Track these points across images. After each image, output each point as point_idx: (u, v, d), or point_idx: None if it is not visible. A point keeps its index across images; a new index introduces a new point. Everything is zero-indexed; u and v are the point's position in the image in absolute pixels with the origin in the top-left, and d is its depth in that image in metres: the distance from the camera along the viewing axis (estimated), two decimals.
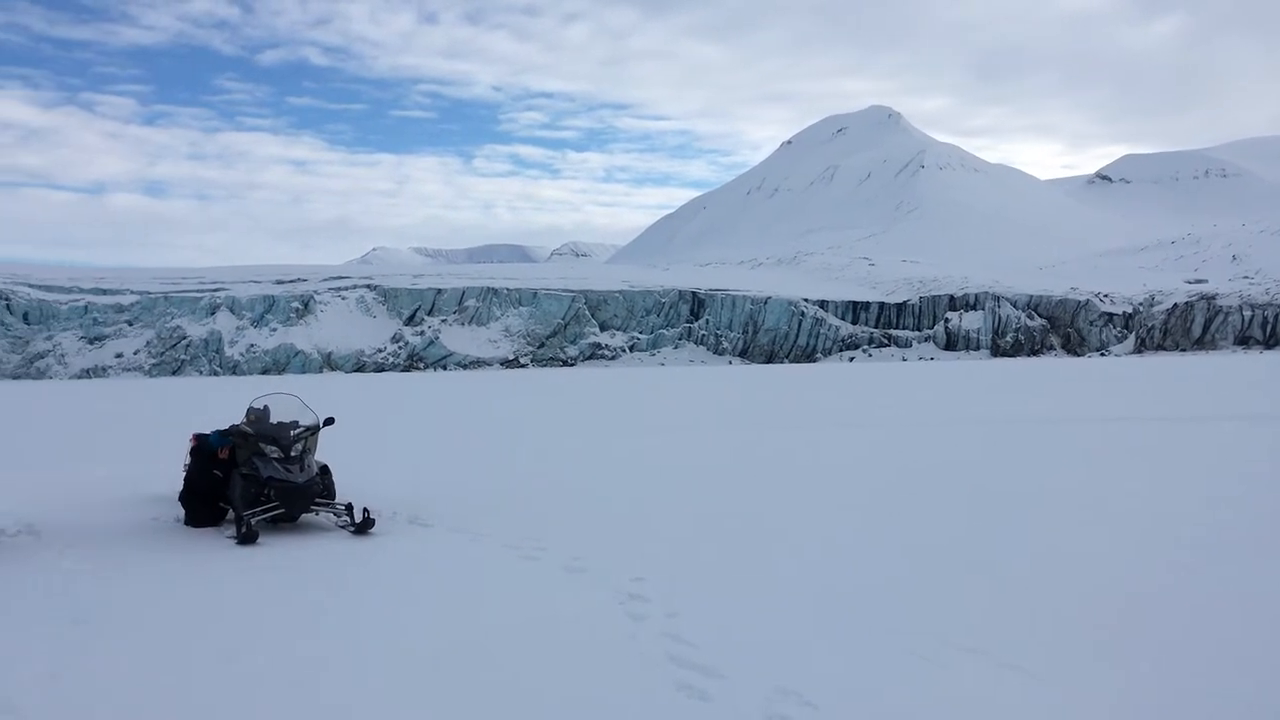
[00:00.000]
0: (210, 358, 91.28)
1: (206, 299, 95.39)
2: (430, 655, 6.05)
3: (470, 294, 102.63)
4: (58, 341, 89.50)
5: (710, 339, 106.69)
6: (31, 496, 12.84)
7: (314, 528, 10.56)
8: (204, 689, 5.55)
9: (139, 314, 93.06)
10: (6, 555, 9.39)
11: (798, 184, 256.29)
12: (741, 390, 42.06)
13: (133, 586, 8.10)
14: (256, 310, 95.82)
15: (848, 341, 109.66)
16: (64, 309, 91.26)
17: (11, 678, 5.69)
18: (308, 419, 11.14)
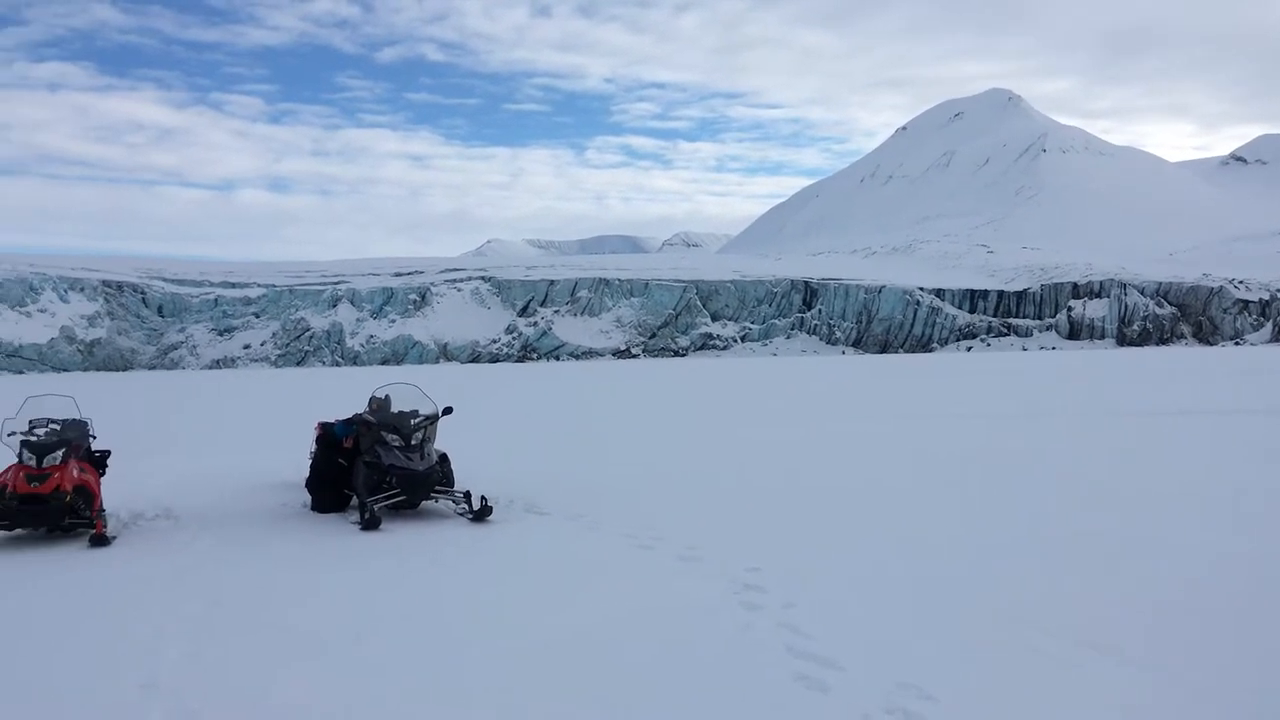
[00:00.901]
0: (332, 349, 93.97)
1: (328, 292, 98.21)
2: (550, 641, 6.14)
3: (582, 285, 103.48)
4: (190, 333, 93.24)
5: (823, 329, 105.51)
6: (169, 482, 13.43)
7: (434, 514, 10.80)
8: (334, 668, 5.73)
9: (265, 307, 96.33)
10: (146, 538, 9.85)
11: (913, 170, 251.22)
12: (855, 380, 41.52)
13: (264, 570, 8.41)
14: (376, 302, 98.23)
15: (965, 331, 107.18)
16: (195, 302, 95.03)
17: (156, 656, 5.96)
18: (427, 408, 11.39)
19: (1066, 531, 9.35)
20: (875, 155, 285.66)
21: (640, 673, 5.58)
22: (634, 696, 5.24)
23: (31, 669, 5.80)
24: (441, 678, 5.55)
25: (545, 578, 7.90)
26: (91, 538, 9.46)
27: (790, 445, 17.04)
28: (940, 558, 8.31)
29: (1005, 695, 5.23)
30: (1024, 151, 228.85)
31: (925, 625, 6.40)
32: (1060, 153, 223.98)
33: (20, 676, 5.67)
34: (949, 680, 5.41)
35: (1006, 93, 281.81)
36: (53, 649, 6.21)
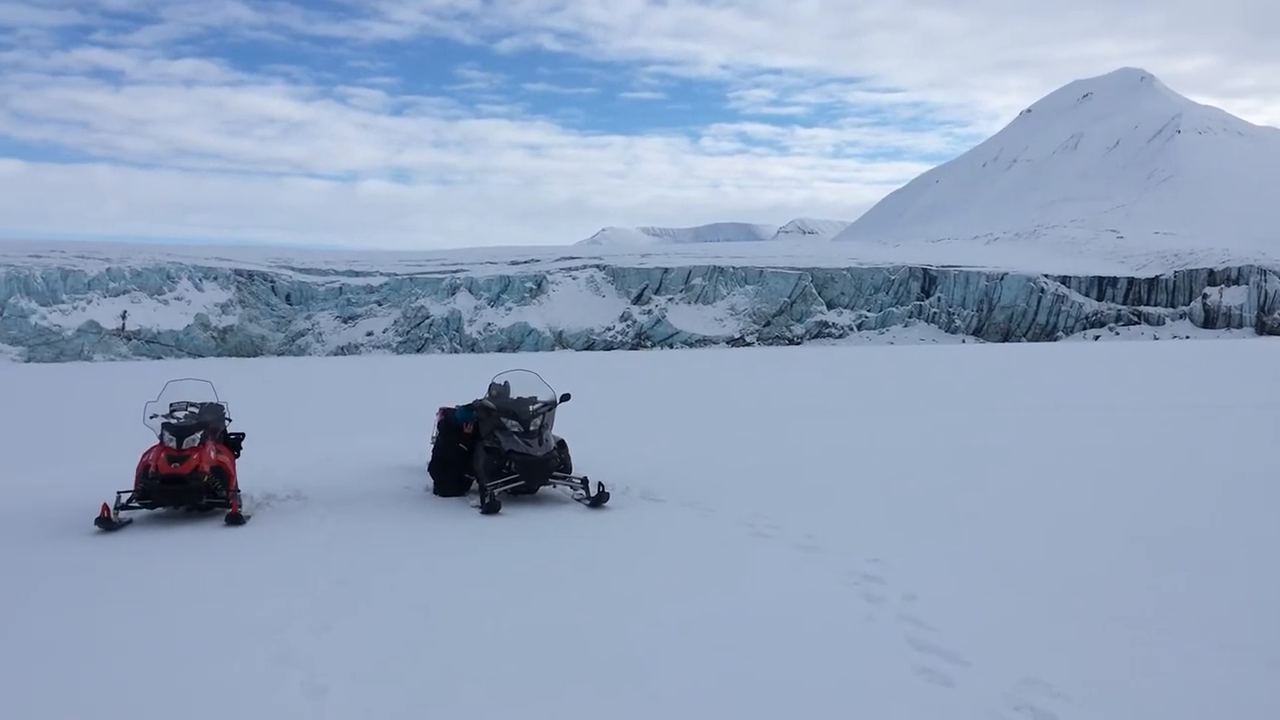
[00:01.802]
0: (451, 336, 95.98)
1: (447, 280, 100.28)
2: (671, 627, 6.15)
3: (697, 273, 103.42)
4: (316, 321, 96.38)
5: (942, 317, 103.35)
6: (298, 464, 13.88)
7: (552, 500, 10.93)
8: (461, 645, 5.85)
9: (387, 295, 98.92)
10: (278, 518, 10.21)
11: (1038, 154, 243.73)
12: (975, 370, 40.54)
13: (389, 550, 8.64)
14: (493, 290, 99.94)
15: (1092, 319, 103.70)
16: (321, 290, 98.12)
17: (288, 631, 6.18)
18: (545, 395, 11.53)
19: (1190, 527, 8.97)
20: (998, 138, 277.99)
21: (761, 661, 5.55)
22: (756, 684, 5.22)
23: (174, 639, 6.08)
24: (565, 659, 5.61)
25: (663, 564, 7.93)
26: (228, 517, 9.86)
27: (908, 435, 16.74)
28: (1063, 552, 8.07)
29: (1138, 695, 5.04)
30: (1157, 133, 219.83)
31: (1050, 620, 6.22)
32: (1196, 134, 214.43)
33: (165, 646, 5.94)
34: (1078, 678, 5.24)
35: (1139, 72, 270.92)
36: (193, 620, 6.49)
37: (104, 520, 9.59)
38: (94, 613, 6.80)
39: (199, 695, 5.13)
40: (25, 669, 5.61)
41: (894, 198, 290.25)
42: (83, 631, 6.32)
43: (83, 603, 7.08)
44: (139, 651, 5.86)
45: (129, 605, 6.98)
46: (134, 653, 5.84)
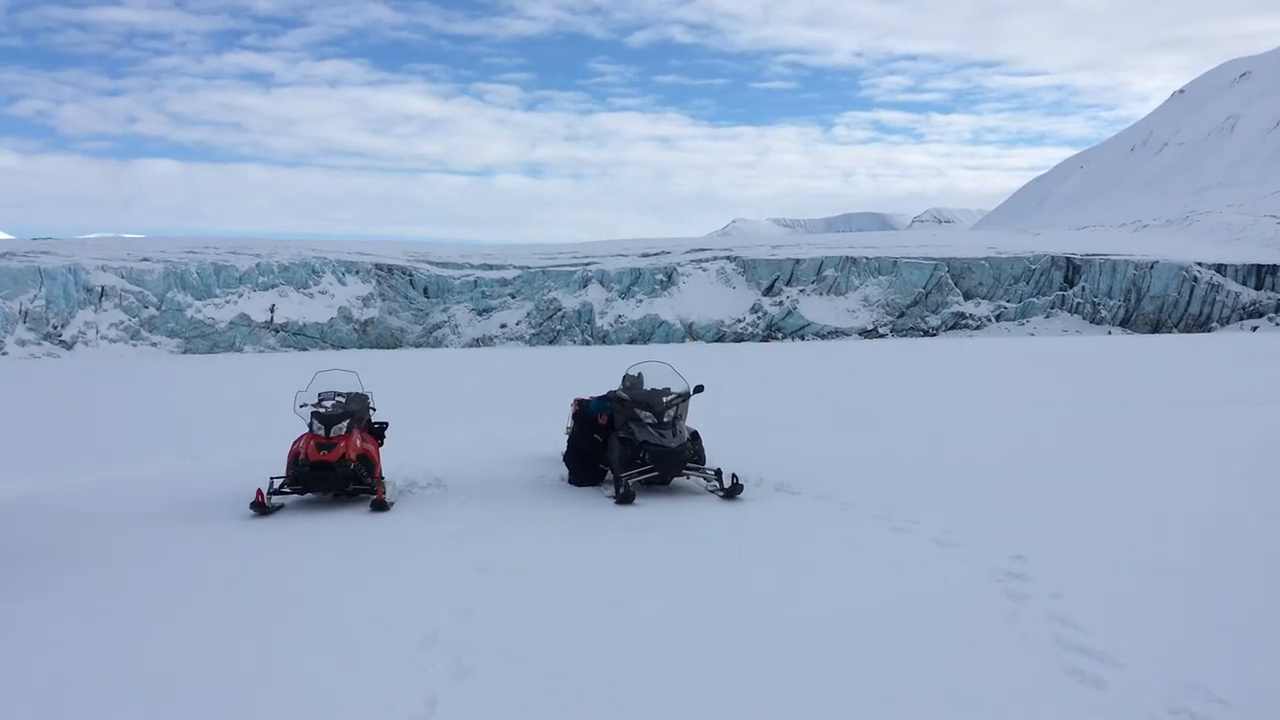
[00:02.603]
0: (582, 328, 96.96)
1: (579, 272, 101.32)
2: (807, 621, 6.10)
3: (828, 263, 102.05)
4: (452, 313, 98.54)
5: (1086, 307, 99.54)
6: (438, 453, 14.27)
7: (686, 491, 10.96)
8: (600, 632, 5.93)
9: (520, 287, 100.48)
10: (420, 505, 10.51)
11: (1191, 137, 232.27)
12: (1122, 361, 38.94)
13: (528, 538, 8.81)
14: (624, 282, 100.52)
15: (1250, 309, 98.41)
16: (457, 284, 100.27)
17: (433, 614, 6.37)
18: (679, 386, 11.57)
19: None
20: (1148, 121, 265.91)
21: (901, 658, 5.46)
22: (896, 682, 5.14)
23: (325, 621, 6.33)
24: (700, 650, 5.63)
25: (798, 557, 7.87)
26: (373, 503, 10.20)
27: (1053, 428, 16.20)
28: (1221, 552, 7.69)
29: None
30: None
31: (1208, 623, 5.95)
32: None
33: (318, 627, 6.19)
34: (1239, 683, 5.00)
35: None
36: (343, 604, 6.75)
37: (258, 505, 10.05)
38: (253, 594, 7.13)
39: (353, 674, 5.32)
40: (198, 645, 5.91)
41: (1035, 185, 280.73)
42: (245, 612, 6.63)
43: (243, 584, 7.43)
44: (295, 631, 6.12)
45: (284, 588, 7.29)
46: (290, 633, 6.10)
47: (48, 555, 8.43)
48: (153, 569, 7.93)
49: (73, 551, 8.55)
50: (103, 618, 6.56)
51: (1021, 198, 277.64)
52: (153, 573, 7.81)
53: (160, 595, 7.12)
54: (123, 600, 7.01)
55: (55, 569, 7.94)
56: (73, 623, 6.45)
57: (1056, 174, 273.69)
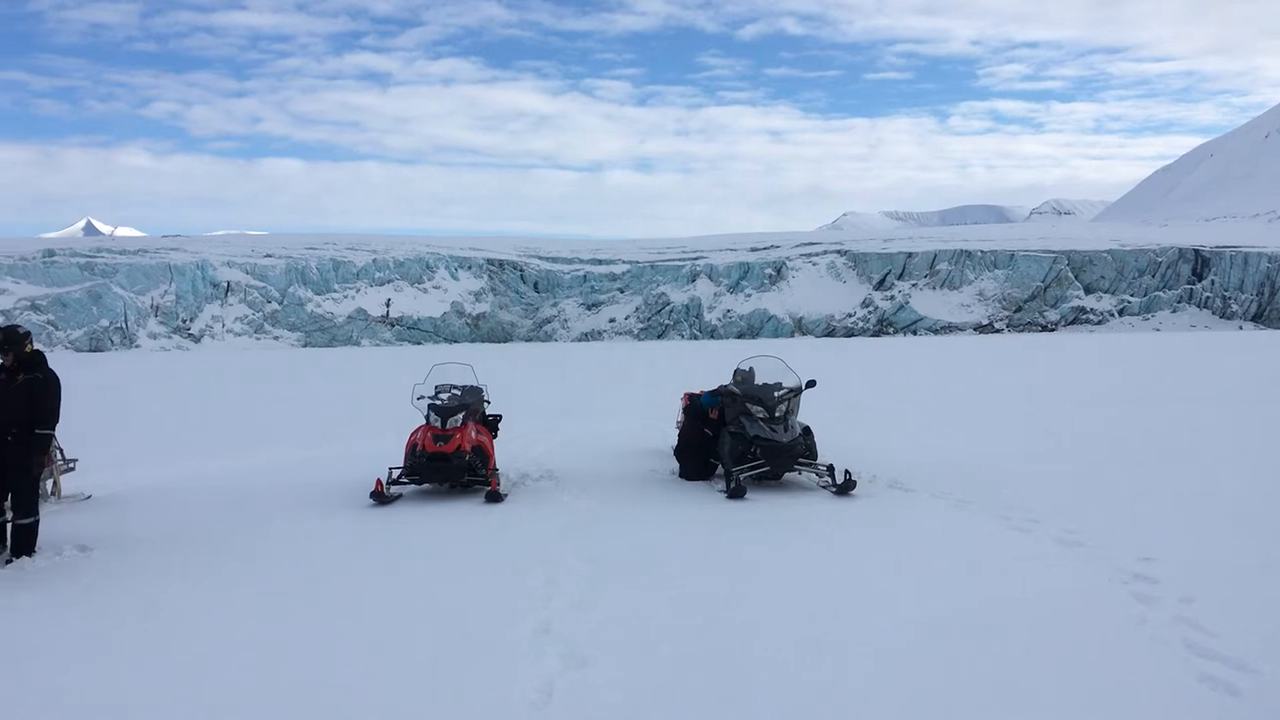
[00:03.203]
0: (690, 322, 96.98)
1: (688, 267, 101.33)
2: (926, 621, 5.99)
3: (942, 257, 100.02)
4: (561, 308, 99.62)
5: (1216, 301, 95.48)
6: (550, 445, 14.44)
7: (797, 486, 10.88)
8: (713, 626, 5.92)
9: (629, 282, 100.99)
10: (533, 497, 10.65)
11: None
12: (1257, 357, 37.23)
13: (639, 531, 8.85)
14: (733, 277, 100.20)
15: None
16: (566, 278, 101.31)
17: (548, 605, 6.45)
18: (791, 381, 11.48)
19: None
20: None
21: (1023, 661, 5.32)
22: (1018, 685, 5.01)
23: (442, 609, 6.46)
24: (817, 646, 5.57)
25: (913, 556, 7.73)
26: (487, 494, 10.38)
27: (1182, 426, 15.58)
28: None
29: None
30: None
31: None
32: None
33: (433, 616, 6.33)
34: None
35: None
36: (459, 592, 6.88)
37: (378, 494, 10.32)
38: (373, 581, 7.32)
39: (471, 662, 5.42)
40: (320, 629, 6.11)
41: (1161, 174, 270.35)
42: (365, 598, 6.82)
43: (363, 571, 7.64)
44: (413, 618, 6.27)
45: (402, 576, 7.47)
46: (408, 620, 6.25)
47: (185, 539, 8.81)
48: (279, 554, 8.21)
49: (206, 537, 8.91)
50: (228, 600, 6.82)
51: (1147, 188, 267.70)
52: (279, 558, 8.09)
53: (284, 580, 7.37)
54: (248, 584, 7.27)
55: (192, 551, 8.29)
56: (205, 602, 6.72)
57: (1184, 163, 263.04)
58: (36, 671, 5.46)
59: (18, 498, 8.18)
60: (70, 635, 6.13)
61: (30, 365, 8.36)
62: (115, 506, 10.56)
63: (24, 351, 8.35)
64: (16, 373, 8.29)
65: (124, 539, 8.81)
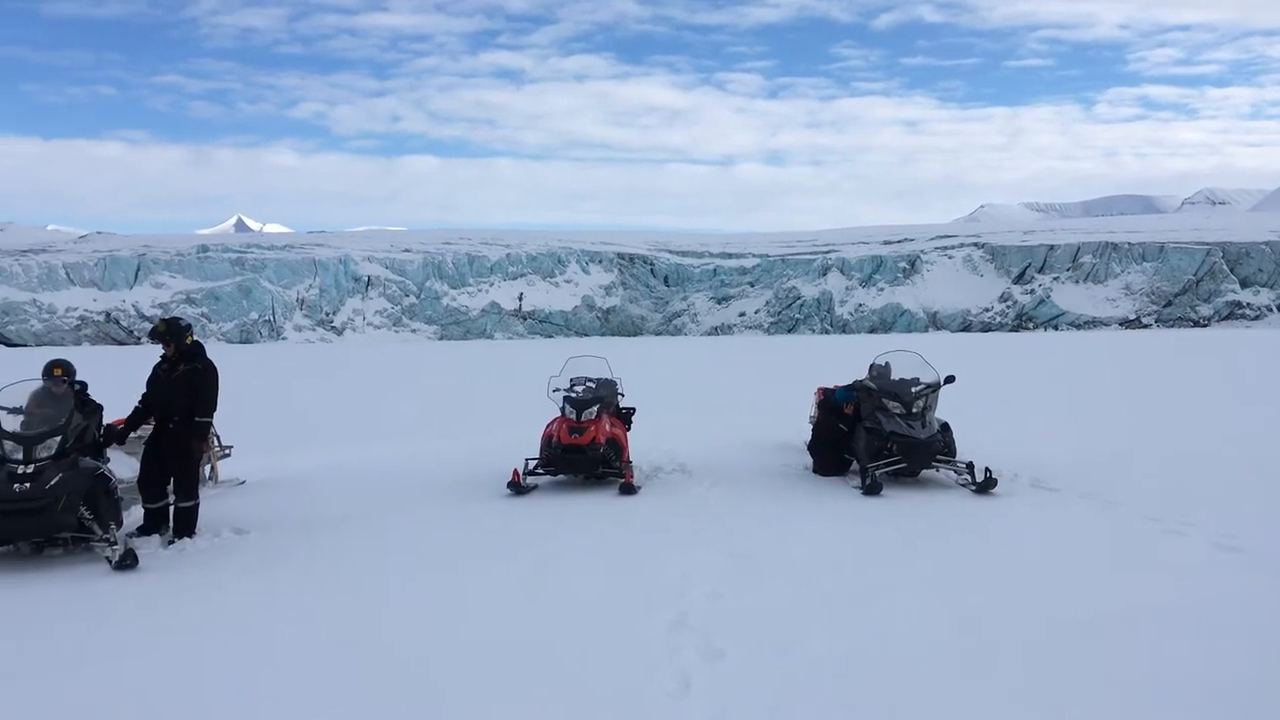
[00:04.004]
0: (821, 316, 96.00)
1: (819, 261, 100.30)
2: (1073, 624, 5.78)
3: (1085, 249, 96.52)
4: (691, 301, 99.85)
5: None
6: (681, 439, 14.47)
7: (935, 484, 10.66)
8: (851, 622, 5.84)
9: (759, 276, 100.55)
10: (666, 489, 10.71)
11: None
12: None
13: (773, 525, 8.81)
14: (865, 270, 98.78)
15: None
16: (696, 272, 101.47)
17: (683, 598, 6.47)
18: (929, 376, 11.24)
19: None
20: None
21: (1178, 669, 5.08)
22: (1166, 691, 4.80)
23: (577, 599, 6.55)
24: (959, 646, 5.45)
25: (1059, 556, 7.48)
26: (621, 486, 10.48)
27: None
28: None
29: None
30: None
31: None
32: None
33: (569, 605, 6.42)
34: None
35: None
36: (593, 582, 6.96)
37: (515, 484, 10.52)
38: (510, 570, 7.47)
39: (607, 652, 5.48)
40: (459, 616, 6.27)
41: None
42: (502, 586, 6.97)
43: (499, 560, 7.81)
44: (549, 607, 6.37)
45: (538, 565, 7.60)
46: (544, 608, 6.36)
47: (334, 522, 9.18)
48: (422, 540, 8.46)
49: (353, 521, 9.25)
50: (375, 583, 7.06)
51: None
52: (422, 543, 8.33)
53: (427, 564, 7.59)
54: (393, 568, 7.51)
55: (340, 534, 8.63)
56: (352, 584, 6.98)
57: None
58: (206, 644, 5.75)
59: (179, 482, 8.62)
60: (232, 612, 6.43)
61: (190, 356, 8.80)
62: (268, 491, 11.04)
63: (185, 343, 8.78)
64: (177, 363, 8.73)
65: (277, 522, 9.21)
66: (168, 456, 8.62)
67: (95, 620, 6.30)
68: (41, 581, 7.26)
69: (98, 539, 7.84)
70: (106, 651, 5.69)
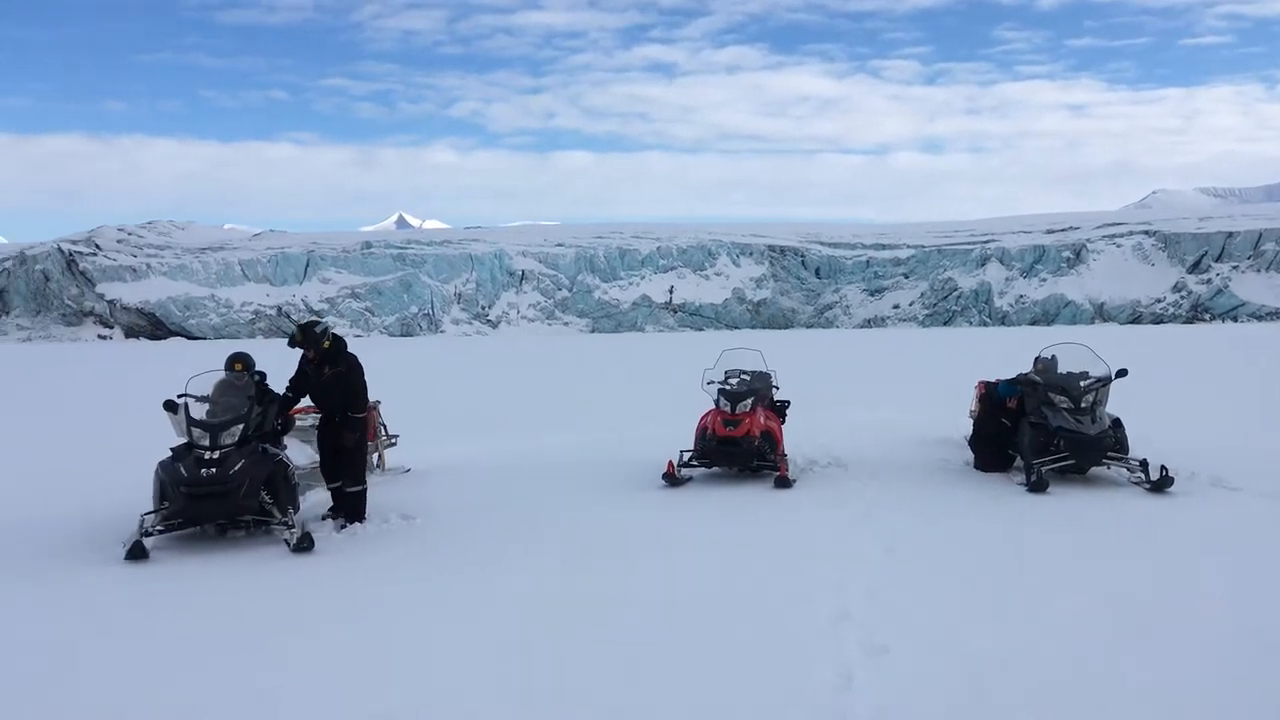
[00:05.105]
0: (979, 309, 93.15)
1: (977, 251, 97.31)
2: (1259, 635, 5.49)
3: (1268, 236, 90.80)
4: (843, 294, 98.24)
5: None
6: (835, 433, 14.28)
7: (1105, 481, 10.25)
8: (1021, 625, 5.69)
9: (914, 267, 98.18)
10: (822, 484, 10.63)
11: None
12: None
13: (933, 521, 8.64)
14: (1026, 261, 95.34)
15: None
16: (849, 264, 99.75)
17: (844, 592, 6.42)
18: (1098, 370, 10.81)
19: None
20: None
21: None
22: None
23: (736, 591, 6.57)
24: (1136, 650, 5.24)
25: (1242, 561, 7.11)
26: (776, 480, 10.42)
27: None
28: None
29: None
30: None
31: None
32: None
33: (728, 597, 6.45)
34: None
35: None
36: (752, 575, 6.97)
37: (669, 475, 10.59)
38: (668, 559, 7.55)
39: (768, 644, 5.48)
40: (626, 606, 6.36)
41: None
42: (659, 575, 7.04)
43: (657, 550, 7.90)
44: (709, 599, 6.41)
45: (696, 556, 7.65)
46: (704, 599, 6.40)
47: (495, 510, 9.47)
48: (580, 527, 8.64)
49: (513, 508, 9.52)
50: (536, 567, 7.23)
51: None
52: (581, 531, 8.51)
53: (587, 551, 7.76)
54: (553, 555, 7.69)
55: (502, 522, 8.89)
56: (512, 569, 7.17)
57: None
58: (375, 628, 6.01)
59: (346, 469, 9.05)
60: (399, 596, 6.69)
61: (334, 357, 9.16)
62: (432, 479, 11.42)
63: (323, 347, 9.14)
64: (323, 365, 9.11)
65: (442, 508, 9.52)
66: (337, 448, 9.06)
67: (278, 600, 6.66)
68: (227, 561, 7.71)
69: (277, 522, 8.28)
70: (290, 628, 6.01)
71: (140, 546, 7.71)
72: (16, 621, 6.23)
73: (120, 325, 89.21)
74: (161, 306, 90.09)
